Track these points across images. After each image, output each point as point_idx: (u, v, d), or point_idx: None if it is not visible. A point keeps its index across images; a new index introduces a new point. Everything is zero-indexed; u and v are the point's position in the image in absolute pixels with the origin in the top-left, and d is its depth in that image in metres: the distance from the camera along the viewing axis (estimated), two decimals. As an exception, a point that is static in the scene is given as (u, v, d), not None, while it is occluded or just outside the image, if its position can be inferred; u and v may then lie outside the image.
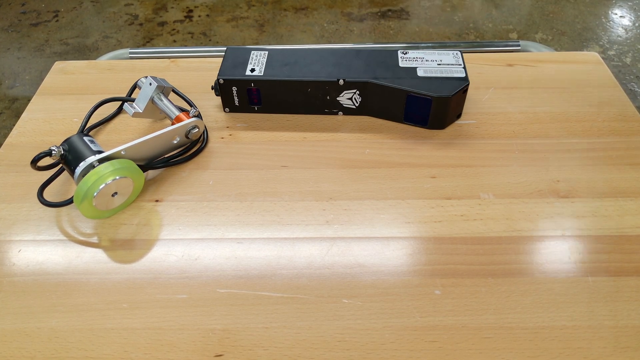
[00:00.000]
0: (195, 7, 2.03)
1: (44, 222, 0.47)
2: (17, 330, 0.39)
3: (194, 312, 0.40)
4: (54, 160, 0.48)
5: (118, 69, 0.64)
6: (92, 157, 0.45)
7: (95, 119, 0.56)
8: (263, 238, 0.45)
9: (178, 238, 0.45)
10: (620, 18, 1.90)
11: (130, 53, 0.77)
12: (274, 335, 0.39)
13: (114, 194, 0.45)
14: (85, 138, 0.47)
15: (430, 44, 0.76)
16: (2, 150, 0.54)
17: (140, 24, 1.94)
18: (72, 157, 0.46)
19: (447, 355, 0.37)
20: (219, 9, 2.01)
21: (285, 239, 0.45)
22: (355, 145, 0.53)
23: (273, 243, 0.45)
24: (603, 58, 0.75)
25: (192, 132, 0.51)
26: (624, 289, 0.41)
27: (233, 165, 0.52)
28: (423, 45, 0.76)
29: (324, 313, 0.40)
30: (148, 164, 0.50)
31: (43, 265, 0.44)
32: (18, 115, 1.56)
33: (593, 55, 0.64)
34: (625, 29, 1.84)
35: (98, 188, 0.43)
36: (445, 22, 1.90)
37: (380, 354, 0.38)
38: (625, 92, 0.83)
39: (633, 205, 0.47)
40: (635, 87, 1.60)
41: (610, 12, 1.93)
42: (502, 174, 0.50)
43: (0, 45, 1.85)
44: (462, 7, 1.97)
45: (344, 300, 0.41)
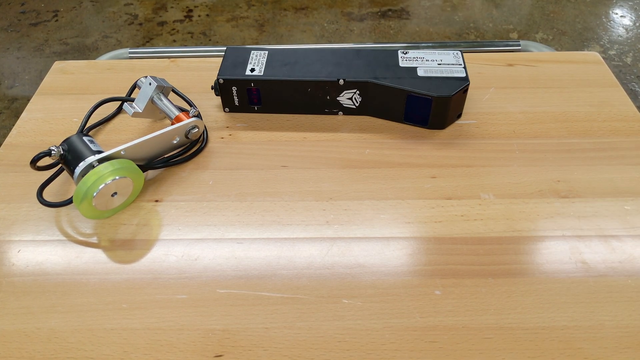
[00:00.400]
0: (195, 6, 2.03)
1: (44, 222, 0.47)
2: (16, 331, 0.39)
3: (194, 312, 0.40)
4: (54, 160, 0.47)
5: (118, 69, 0.64)
6: (91, 157, 0.45)
7: (95, 119, 0.56)
8: (263, 238, 0.45)
9: (178, 238, 0.45)
10: (621, 18, 1.90)
11: (130, 53, 0.77)
12: (274, 336, 0.39)
13: (114, 194, 0.45)
14: (85, 138, 0.47)
15: (431, 44, 0.76)
16: (1, 150, 0.54)
17: (140, 24, 1.94)
18: (71, 157, 0.46)
19: (447, 356, 0.37)
20: (219, 9, 2.01)
21: (285, 239, 0.45)
22: (356, 145, 0.53)
23: (273, 243, 0.45)
24: (604, 58, 0.75)
25: (191, 132, 0.51)
26: (625, 290, 0.41)
27: (233, 165, 0.51)
28: (423, 45, 0.76)
29: (324, 313, 0.40)
30: (148, 164, 0.50)
31: (42, 266, 0.43)
32: (17, 115, 1.55)
33: (594, 55, 0.64)
34: (626, 29, 1.84)
35: (98, 188, 0.43)
36: (446, 21, 1.90)
37: (380, 355, 0.37)
38: (626, 92, 0.83)
39: (634, 205, 0.47)
40: (636, 87, 1.60)
41: (611, 11, 1.93)
42: (502, 174, 0.50)
43: (0, 45, 1.85)
44: (462, 6, 1.96)
45: (344, 301, 0.40)
